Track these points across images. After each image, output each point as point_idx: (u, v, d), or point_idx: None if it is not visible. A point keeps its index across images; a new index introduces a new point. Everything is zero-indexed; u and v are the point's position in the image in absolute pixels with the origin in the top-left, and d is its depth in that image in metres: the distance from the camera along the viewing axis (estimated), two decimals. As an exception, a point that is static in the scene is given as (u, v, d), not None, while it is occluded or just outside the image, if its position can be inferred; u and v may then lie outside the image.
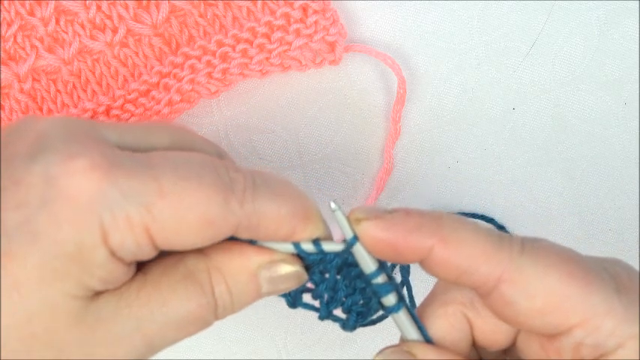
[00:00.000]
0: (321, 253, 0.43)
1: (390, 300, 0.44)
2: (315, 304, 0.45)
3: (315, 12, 0.59)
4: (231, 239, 0.42)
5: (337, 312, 0.45)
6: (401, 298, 0.44)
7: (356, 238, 0.42)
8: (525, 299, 0.40)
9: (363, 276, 0.44)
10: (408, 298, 0.62)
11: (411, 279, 0.57)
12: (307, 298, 0.45)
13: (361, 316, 0.45)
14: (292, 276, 0.43)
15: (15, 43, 0.58)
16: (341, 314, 0.45)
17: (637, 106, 0.63)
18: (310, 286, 0.45)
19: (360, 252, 0.43)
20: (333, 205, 0.42)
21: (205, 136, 0.62)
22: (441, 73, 0.63)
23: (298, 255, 0.43)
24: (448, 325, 0.44)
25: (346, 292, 0.44)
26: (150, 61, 0.59)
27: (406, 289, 0.61)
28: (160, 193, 0.39)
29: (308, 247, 0.43)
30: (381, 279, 0.43)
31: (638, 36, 0.63)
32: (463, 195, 0.64)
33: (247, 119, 0.63)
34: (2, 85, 0.58)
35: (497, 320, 0.42)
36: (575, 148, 0.64)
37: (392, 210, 0.42)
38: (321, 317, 0.45)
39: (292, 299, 0.45)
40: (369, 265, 0.43)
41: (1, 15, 0.58)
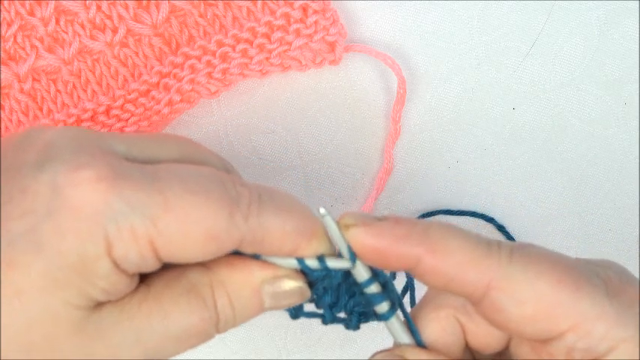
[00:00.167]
0: (325, 269, 0.43)
1: (382, 308, 0.43)
2: (317, 310, 0.45)
3: (315, 12, 0.59)
4: (236, 253, 0.42)
5: (339, 313, 0.46)
6: (394, 305, 0.44)
7: (354, 257, 0.42)
8: (515, 306, 0.40)
9: (357, 284, 0.44)
10: (410, 300, 0.62)
11: (416, 281, 0.57)
12: (309, 306, 0.45)
13: (364, 315, 0.45)
14: (295, 292, 0.43)
15: (15, 43, 0.58)
16: (342, 315, 0.45)
17: (637, 106, 0.63)
18: (313, 297, 0.45)
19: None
20: (322, 210, 0.42)
21: (205, 136, 0.62)
22: (441, 73, 0.63)
23: (302, 271, 0.43)
24: (440, 328, 0.44)
25: (348, 294, 0.44)
26: (150, 61, 0.59)
27: (410, 290, 0.62)
28: (166, 205, 0.39)
29: (312, 264, 0.42)
30: (373, 287, 0.43)
31: (638, 36, 0.63)
32: (463, 195, 0.64)
33: (247, 119, 0.63)
34: (2, 85, 0.58)
35: (490, 324, 0.43)
36: (575, 148, 0.64)
37: (382, 217, 0.42)
38: (325, 322, 0.45)
39: (295, 311, 0.45)
40: (361, 273, 0.43)
41: (1, 15, 0.58)
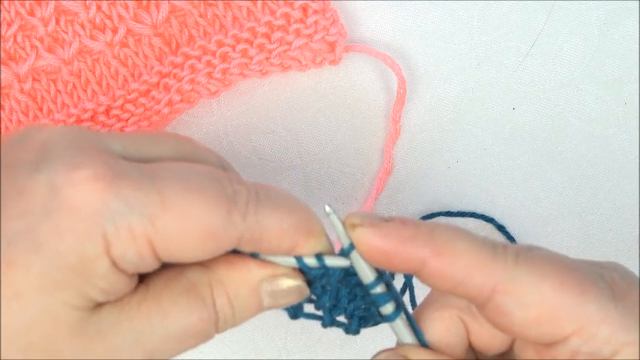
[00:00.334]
0: (323, 268, 0.43)
1: (387, 309, 0.43)
2: (317, 312, 0.45)
3: (315, 12, 0.59)
4: (234, 252, 0.42)
5: (339, 317, 0.45)
6: (399, 305, 0.44)
7: (352, 247, 0.42)
8: (520, 310, 0.40)
9: (362, 285, 0.43)
10: (410, 300, 0.62)
11: (414, 280, 0.57)
12: (308, 307, 0.45)
13: (364, 319, 0.45)
14: (294, 290, 0.43)
15: (15, 43, 0.58)
16: (343, 319, 0.45)
17: (637, 106, 0.63)
18: (312, 297, 0.44)
19: (358, 262, 0.42)
20: (327, 208, 0.42)
21: (205, 136, 0.62)
22: (441, 73, 0.63)
23: (300, 269, 0.43)
24: (444, 328, 0.44)
25: (348, 298, 0.44)
26: (150, 61, 0.59)
27: (408, 290, 0.62)
28: (163, 204, 0.39)
29: (310, 262, 0.42)
30: (379, 289, 0.43)
31: (638, 36, 0.63)
32: (463, 195, 0.64)
33: (247, 119, 0.63)
34: (2, 85, 0.58)
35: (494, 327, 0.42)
36: (575, 148, 0.64)
37: (388, 218, 0.42)
38: (324, 325, 0.45)
39: (294, 311, 0.45)
40: (367, 275, 0.43)
41: (1, 15, 0.58)
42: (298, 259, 0.42)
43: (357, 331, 0.45)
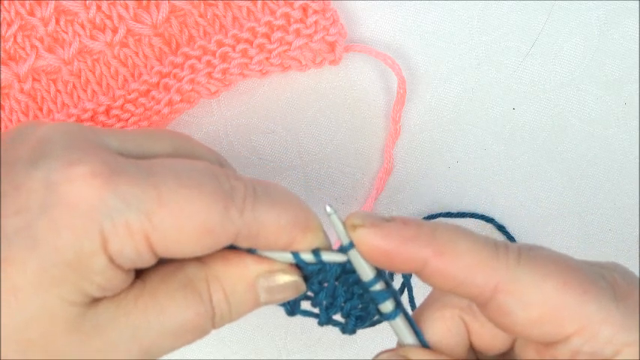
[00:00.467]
0: (320, 263, 0.43)
1: (387, 307, 0.43)
2: (314, 310, 0.45)
3: (315, 12, 0.59)
4: (231, 248, 0.42)
5: (336, 316, 0.45)
6: (398, 304, 0.44)
7: (352, 245, 0.42)
8: (522, 309, 0.40)
9: (361, 283, 0.43)
10: (409, 300, 0.62)
11: (412, 280, 0.57)
12: (306, 305, 0.45)
13: (360, 319, 0.45)
14: (290, 286, 0.43)
15: (15, 43, 0.58)
16: (340, 318, 0.45)
17: (637, 106, 0.63)
18: (309, 293, 0.44)
19: (357, 259, 0.42)
20: (328, 208, 0.42)
21: (205, 136, 0.62)
22: (441, 73, 0.63)
23: (297, 265, 0.43)
24: (445, 328, 0.44)
25: (345, 297, 0.44)
26: (150, 61, 0.59)
27: (407, 290, 0.62)
28: (160, 200, 0.39)
29: (307, 257, 0.42)
30: (378, 286, 0.43)
31: (638, 36, 0.63)
32: (463, 195, 0.64)
33: (247, 119, 0.63)
34: (2, 85, 0.58)
35: (496, 326, 0.42)
36: (575, 148, 0.64)
37: (389, 218, 0.41)
38: (320, 323, 0.45)
39: (291, 308, 0.45)
40: (366, 272, 0.43)
41: (1, 15, 0.58)
42: (295, 254, 0.42)
43: (353, 331, 0.45)
